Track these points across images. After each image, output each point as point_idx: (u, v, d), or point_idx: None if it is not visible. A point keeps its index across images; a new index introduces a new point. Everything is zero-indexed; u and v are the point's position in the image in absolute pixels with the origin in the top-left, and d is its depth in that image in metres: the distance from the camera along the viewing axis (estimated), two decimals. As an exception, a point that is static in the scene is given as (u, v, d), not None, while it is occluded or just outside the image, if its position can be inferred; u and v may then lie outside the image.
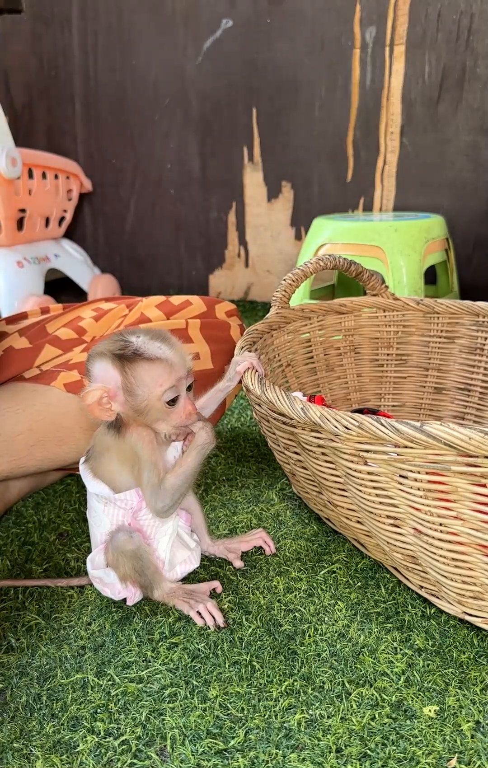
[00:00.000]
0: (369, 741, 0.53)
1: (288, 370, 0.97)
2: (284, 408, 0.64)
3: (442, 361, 1.03)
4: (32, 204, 1.81)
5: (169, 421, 0.64)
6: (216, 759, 0.52)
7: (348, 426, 0.58)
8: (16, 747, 0.54)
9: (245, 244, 2.07)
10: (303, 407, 0.61)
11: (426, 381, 1.04)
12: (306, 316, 0.97)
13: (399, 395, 1.07)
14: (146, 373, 0.61)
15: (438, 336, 1.01)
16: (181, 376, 0.62)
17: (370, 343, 1.04)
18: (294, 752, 0.52)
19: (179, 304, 0.97)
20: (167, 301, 0.98)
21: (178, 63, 1.94)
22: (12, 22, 2.10)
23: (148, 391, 0.61)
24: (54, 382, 0.86)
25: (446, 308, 0.99)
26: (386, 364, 1.05)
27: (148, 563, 0.68)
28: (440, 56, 1.66)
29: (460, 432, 0.51)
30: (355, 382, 1.05)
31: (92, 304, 1.04)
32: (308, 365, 1.00)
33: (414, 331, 1.03)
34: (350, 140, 1.83)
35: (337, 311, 1.00)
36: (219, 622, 0.66)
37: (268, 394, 0.66)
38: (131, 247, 2.24)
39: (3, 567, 0.78)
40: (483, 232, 1.75)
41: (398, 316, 1.02)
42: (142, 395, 0.61)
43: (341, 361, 1.03)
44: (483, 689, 0.58)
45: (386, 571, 0.75)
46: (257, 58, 1.86)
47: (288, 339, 0.96)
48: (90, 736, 0.55)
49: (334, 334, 1.01)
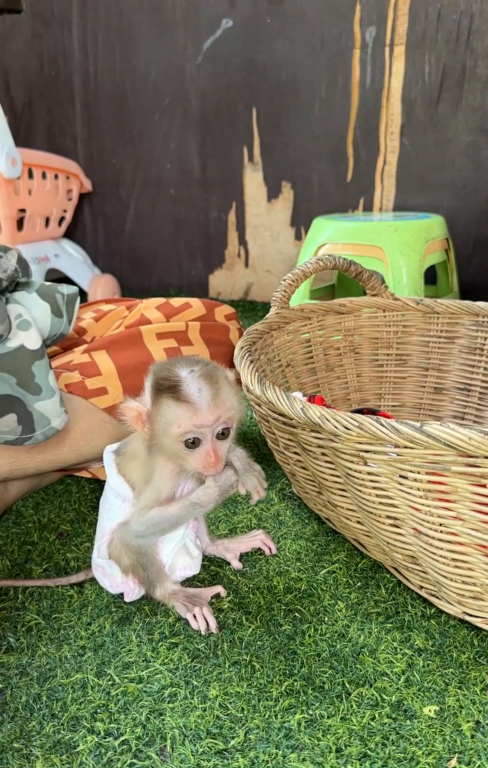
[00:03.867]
0: (369, 741, 0.53)
1: (288, 371, 0.97)
2: (284, 408, 0.63)
3: (442, 361, 1.03)
4: (32, 204, 1.81)
5: (187, 463, 0.61)
6: (216, 759, 0.52)
7: (348, 426, 0.57)
8: (16, 747, 0.54)
9: (245, 244, 2.07)
10: (303, 407, 0.61)
11: (426, 381, 1.04)
12: (306, 317, 0.97)
13: (399, 395, 1.06)
14: (169, 411, 0.59)
15: (438, 336, 1.01)
16: (206, 424, 0.59)
17: (370, 343, 1.04)
18: (294, 752, 0.52)
19: (179, 306, 0.98)
20: (167, 302, 0.98)
21: (178, 63, 1.94)
22: (12, 22, 2.10)
23: (164, 428, 0.59)
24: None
25: (446, 308, 0.99)
26: (386, 364, 1.05)
27: (153, 560, 0.68)
28: (440, 56, 1.66)
29: (460, 432, 0.51)
30: (355, 382, 1.05)
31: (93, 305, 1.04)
32: (308, 365, 1.00)
33: (414, 331, 1.02)
34: (350, 140, 1.83)
35: (337, 311, 1.00)
36: (212, 628, 0.66)
37: (268, 394, 0.65)
38: (131, 247, 2.24)
39: (3, 567, 0.78)
40: (483, 232, 1.75)
41: (398, 316, 1.02)
42: (158, 430, 0.60)
43: (341, 361, 1.03)
44: (483, 689, 0.58)
45: (386, 571, 0.75)
46: (257, 58, 1.86)
47: (288, 339, 0.96)
48: (90, 736, 0.55)
49: (334, 334, 1.01)
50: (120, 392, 0.87)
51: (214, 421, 0.59)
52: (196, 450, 0.60)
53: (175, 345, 0.92)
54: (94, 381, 0.87)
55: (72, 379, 0.87)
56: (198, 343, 0.94)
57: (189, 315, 0.97)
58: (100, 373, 0.87)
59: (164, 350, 0.91)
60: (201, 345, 0.94)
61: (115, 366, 0.88)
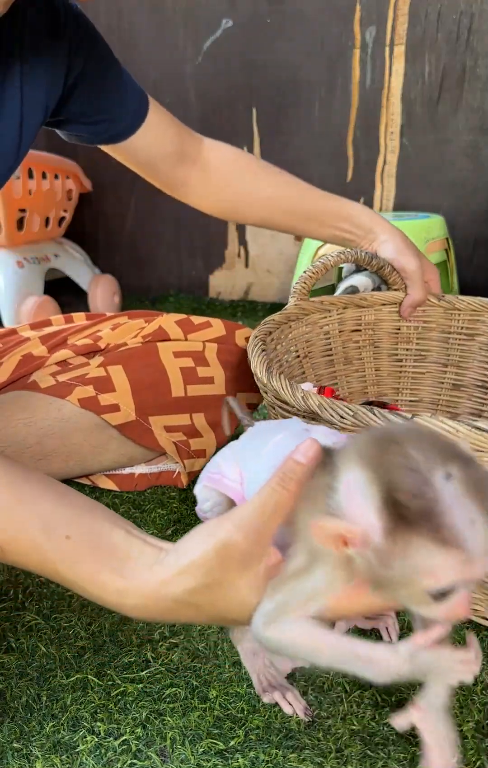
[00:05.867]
0: (370, 741, 0.53)
1: (305, 361, 0.97)
2: (287, 396, 0.67)
3: (462, 357, 1.02)
4: (32, 204, 1.81)
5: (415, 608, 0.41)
6: (216, 759, 0.52)
7: (342, 415, 0.61)
8: (16, 747, 0.54)
9: (245, 244, 2.07)
10: (303, 396, 0.64)
11: (445, 377, 1.05)
12: (325, 309, 0.98)
13: (417, 390, 1.07)
14: (423, 559, 0.37)
15: (459, 332, 1.01)
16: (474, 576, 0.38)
17: (390, 338, 1.04)
18: (294, 752, 0.52)
19: (199, 324, 0.97)
20: (188, 319, 0.98)
21: (178, 63, 1.94)
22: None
23: (410, 576, 0.38)
24: (69, 396, 0.86)
25: (467, 305, 0.99)
26: (405, 359, 1.05)
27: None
28: (440, 56, 1.66)
29: (449, 425, 0.54)
30: (373, 376, 1.05)
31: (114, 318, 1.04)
32: (326, 357, 1.01)
33: (434, 327, 1.02)
34: (350, 140, 1.83)
35: (358, 305, 1.00)
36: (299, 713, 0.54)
37: (274, 382, 0.69)
38: (131, 247, 2.24)
39: (2, 567, 0.78)
40: (483, 232, 1.75)
41: (419, 312, 1.02)
42: (398, 576, 0.38)
43: (360, 355, 1.04)
44: (483, 689, 0.58)
45: (386, 571, 0.74)
46: (257, 58, 1.86)
47: (307, 330, 0.96)
48: (90, 736, 0.55)
49: (354, 328, 1.02)
50: (132, 410, 0.87)
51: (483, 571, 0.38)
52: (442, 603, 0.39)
53: (191, 365, 0.92)
54: (107, 397, 0.86)
55: (86, 393, 0.86)
56: (214, 364, 0.93)
57: (207, 335, 0.96)
58: (114, 389, 0.87)
59: (180, 369, 0.91)
60: (217, 367, 0.93)
61: (129, 382, 0.88)
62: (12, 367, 0.91)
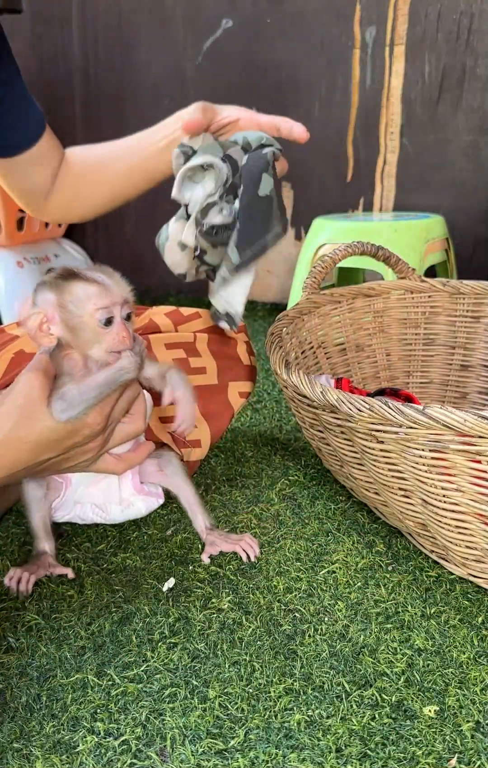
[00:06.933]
0: (369, 741, 0.53)
1: (319, 351, 1.02)
2: (306, 391, 0.71)
3: (468, 339, 1.06)
4: (32, 204, 1.80)
5: (101, 344, 0.63)
6: (216, 759, 0.52)
7: (360, 409, 0.65)
8: (16, 747, 0.54)
9: (245, 244, 2.06)
10: (323, 391, 0.68)
11: (453, 359, 1.08)
12: (336, 300, 1.02)
13: (427, 372, 1.11)
14: (81, 290, 0.62)
15: (464, 315, 1.05)
16: (117, 302, 0.63)
17: (399, 324, 1.08)
18: (294, 752, 0.52)
19: (188, 315, 0.97)
20: (177, 310, 0.98)
21: (178, 63, 1.94)
22: (12, 22, 2.10)
23: (81, 306, 0.62)
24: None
25: (471, 289, 1.03)
26: (414, 344, 1.09)
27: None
28: (440, 56, 1.66)
29: (457, 415, 0.58)
30: (385, 361, 1.10)
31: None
32: (338, 346, 1.05)
33: (441, 312, 1.07)
34: (350, 140, 1.83)
35: (366, 294, 1.04)
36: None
37: (293, 378, 0.73)
38: (131, 248, 2.24)
39: (3, 567, 0.78)
40: (483, 232, 1.75)
41: (425, 298, 1.06)
42: (75, 311, 0.62)
43: (370, 342, 1.08)
44: (483, 689, 0.58)
45: (386, 570, 0.75)
46: (257, 58, 1.86)
47: (319, 322, 1.00)
48: (90, 736, 0.55)
49: (364, 316, 1.06)
50: None
51: (124, 301, 0.64)
52: (110, 329, 0.63)
53: (183, 356, 0.92)
54: None
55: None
56: (206, 354, 0.93)
57: (197, 325, 0.96)
58: None
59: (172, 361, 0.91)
60: (209, 357, 0.93)
61: None
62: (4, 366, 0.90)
